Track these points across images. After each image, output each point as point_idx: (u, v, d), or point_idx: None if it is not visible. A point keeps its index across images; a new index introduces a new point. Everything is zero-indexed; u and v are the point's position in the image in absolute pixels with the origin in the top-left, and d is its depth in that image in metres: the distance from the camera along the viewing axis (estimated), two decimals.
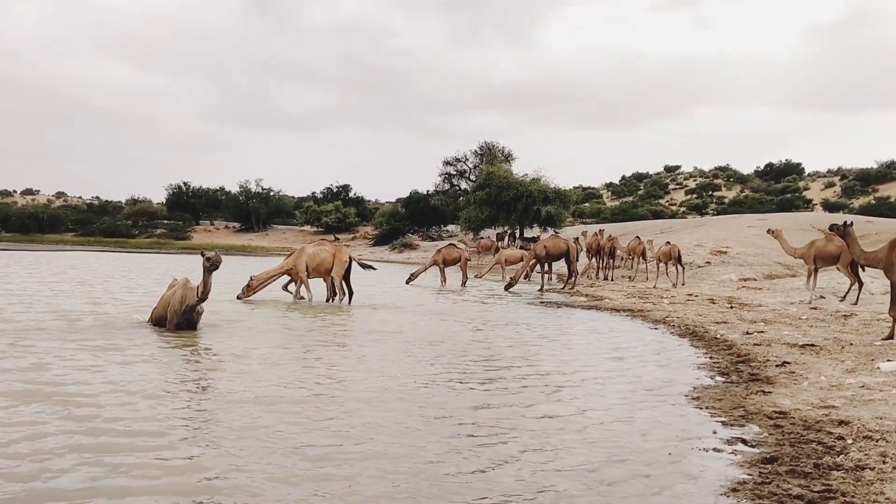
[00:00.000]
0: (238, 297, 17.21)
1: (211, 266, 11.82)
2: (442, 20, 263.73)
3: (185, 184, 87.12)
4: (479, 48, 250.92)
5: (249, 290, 17.39)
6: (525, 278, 27.57)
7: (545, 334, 13.66)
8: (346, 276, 17.74)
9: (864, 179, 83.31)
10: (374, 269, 20.17)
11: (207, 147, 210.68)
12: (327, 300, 17.80)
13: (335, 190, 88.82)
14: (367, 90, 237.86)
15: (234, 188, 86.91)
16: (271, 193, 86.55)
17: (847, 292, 17.26)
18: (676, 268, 25.00)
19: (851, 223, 12.22)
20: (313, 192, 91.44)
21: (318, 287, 18.60)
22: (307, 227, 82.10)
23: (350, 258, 18.01)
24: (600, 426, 6.90)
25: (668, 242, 25.80)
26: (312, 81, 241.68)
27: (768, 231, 20.99)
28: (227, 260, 13.45)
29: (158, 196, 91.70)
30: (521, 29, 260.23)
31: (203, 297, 11.93)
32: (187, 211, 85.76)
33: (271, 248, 66.71)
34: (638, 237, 29.04)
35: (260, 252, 62.71)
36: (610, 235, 29.85)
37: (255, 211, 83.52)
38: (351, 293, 17.59)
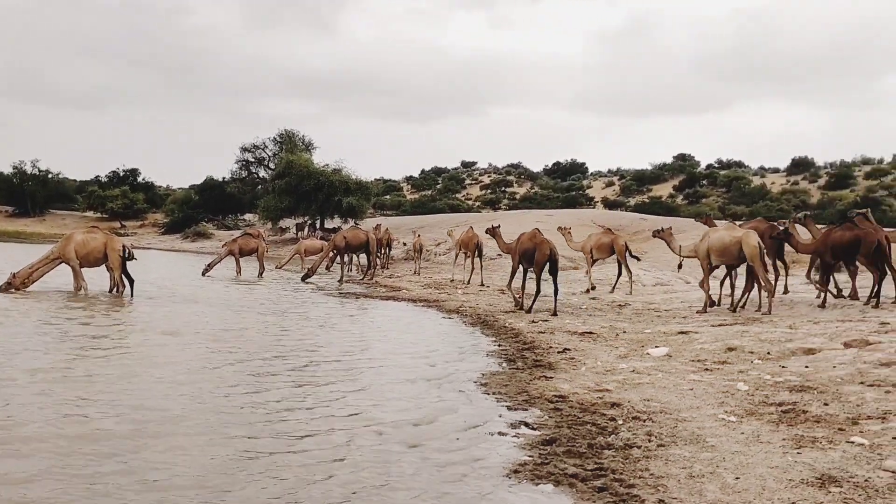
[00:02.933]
0: (0, 290, 15.70)
1: None
2: (240, 1, 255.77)
3: None
4: (279, 33, 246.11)
5: (10, 286, 15.84)
6: (327, 269, 27.42)
7: (341, 325, 13.62)
8: (123, 266, 16.63)
9: (640, 180, 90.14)
10: (134, 258, 17.19)
11: None
12: (110, 291, 16.71)
13: (122, 174, 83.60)
14: (158, 69, 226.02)
15: (6, 169, 79.50)
16: (49, 176, 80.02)
17: (470, 276, 22.98)
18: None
19: (499, 225, 17.96)
20: (97, 176, 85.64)
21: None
22: (90, 213, 76.69)
23: (124, 246, 16.86)
24: (391, 414, 6.97)
25: (377, 227, 29.04)
26: (97, 57, 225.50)
27: (415, 233, 27.80)
28: None
29: None
30: (322, 15, 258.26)
31: None
32: None
33: (49, 234, 61.66)
34: (387, 229, 30.43)
35: (36, 239, 57.87)
36: (387, 229, 30.82)
37: (31, 194, 76.81)
38: (132, 283, 16.53)
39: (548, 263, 14.79)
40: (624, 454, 5.65)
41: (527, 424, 6.57)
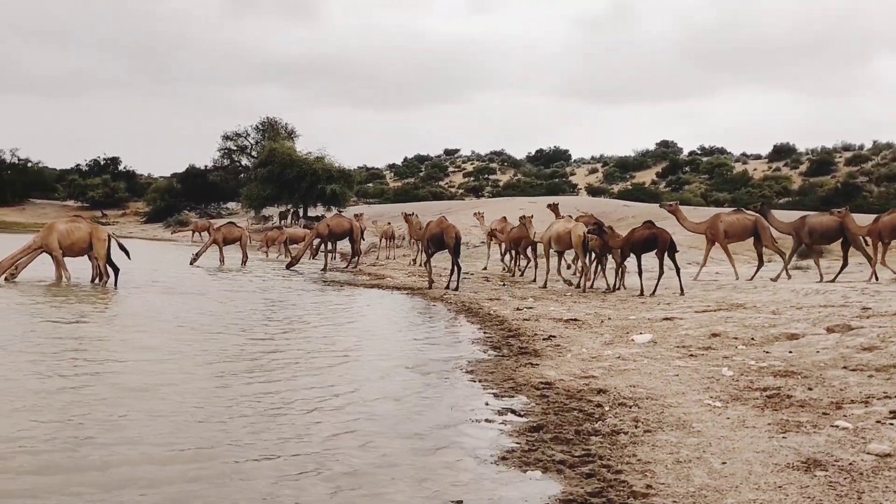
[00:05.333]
0: None
1: None
2: None
3: None
4: (257, 18, 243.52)
5: None
6: (312, 257, 27.38)
7: (325, 314, 13.58)
8: (108, 255, 16.48)
9: (623, 167, 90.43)
10: (128, 255, 17.35)
11: None
12: (92, 280, 16.56)
13: (103, 162, 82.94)
14: (134, 56, 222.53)
15: None
16: (29, 164, 79.31)
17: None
18: None
19: (413, 213, 20.41)
20: (78, 164, 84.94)
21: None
22: (71, 202, 76.18)
23: (109, 236, 16.72)
24: (379, 402, 6.96)
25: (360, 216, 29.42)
26: (71, 44, 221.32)
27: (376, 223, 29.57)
28: None
29: None
30: (301, 1, 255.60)
31: None
32: None
33: (29, 223, 61.11)
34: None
35: (15, 228, 57.30)
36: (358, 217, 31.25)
37: (10, 183, 76.09)
38: (116, 272, 16.39)
39: (453, 246, 17.05)
40: (611, 440, 5.67)
41: (514, 411, 6.58)
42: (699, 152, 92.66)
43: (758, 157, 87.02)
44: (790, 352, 8.51)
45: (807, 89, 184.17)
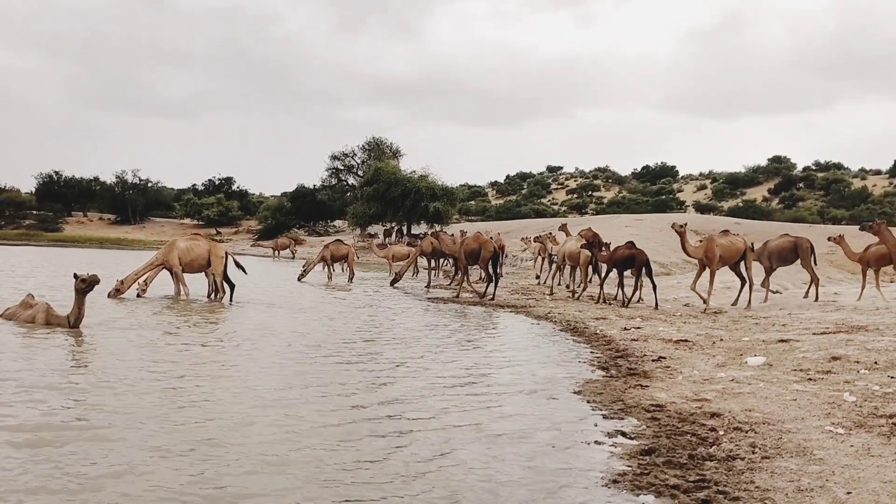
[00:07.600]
0: (109, 296, 16.24)
1: (87, 287, 11.07)
2: (326, 7, 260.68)
3: (56, 173, 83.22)
4: (364, 38, 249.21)
5: (118, 292, 16.42)
6: (414, 274, 27.74)
7: (433, 333, 13.68)
8: (225, 272, 17.16)
9: (733, 183, 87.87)
10: (244, 271, 18.04)
11: (80, 133, 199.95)
12: (208, 296, 17.25)
13: (217, 182, 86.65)
14: (248, 78, 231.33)
15: (109, 178, 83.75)
16: (149, 185, 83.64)
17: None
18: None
19: (442, 229, 23.56)
20: (194, 184, 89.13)
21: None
22: (187, 220, 79.85)
23: (226, 253, 17.44)
24: (486, 420, 6.96)
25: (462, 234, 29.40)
26: (189, 67, 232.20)
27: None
28: (103, 253, 12.64)
29: (27, 185, 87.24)
30: (408, 20, 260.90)
31: (76, 324, 11.27)
32: (59, 201, 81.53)
33: (149, 241, 64.41)
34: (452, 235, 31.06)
35: (137, 245, 60.47)
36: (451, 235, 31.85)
37: (132, 202, 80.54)
38: (232, 288, 17.03)
39: (490, 259, 18.93)
40: (727, 466, 5.51)
41: (624, 434, 6.47)
42: (814, 168, 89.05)
43: (878, 172, 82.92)
44: None
45: None
